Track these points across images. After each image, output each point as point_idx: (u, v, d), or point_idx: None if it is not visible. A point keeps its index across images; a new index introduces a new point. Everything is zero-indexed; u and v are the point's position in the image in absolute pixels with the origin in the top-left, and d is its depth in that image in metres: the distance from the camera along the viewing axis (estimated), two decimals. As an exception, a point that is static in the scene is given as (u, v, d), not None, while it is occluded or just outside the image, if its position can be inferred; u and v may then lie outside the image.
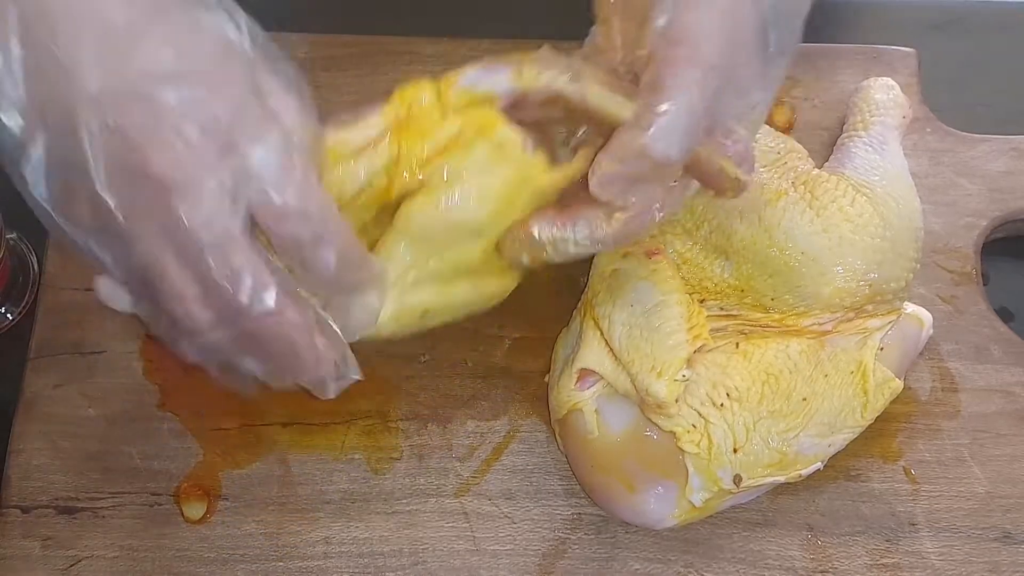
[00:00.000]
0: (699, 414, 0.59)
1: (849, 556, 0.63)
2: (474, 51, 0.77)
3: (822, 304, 0.61)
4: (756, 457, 0.59)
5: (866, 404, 0.61)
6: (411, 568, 0.63)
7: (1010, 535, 0.63)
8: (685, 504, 0.60)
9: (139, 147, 0.44)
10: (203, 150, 0.45)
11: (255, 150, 0.46)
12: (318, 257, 0.48)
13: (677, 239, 0.64)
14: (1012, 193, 0.72)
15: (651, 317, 0.59)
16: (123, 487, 0.65)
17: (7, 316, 0.72)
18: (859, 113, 0.70)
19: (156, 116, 0.44)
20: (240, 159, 0.45)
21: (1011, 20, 0.81)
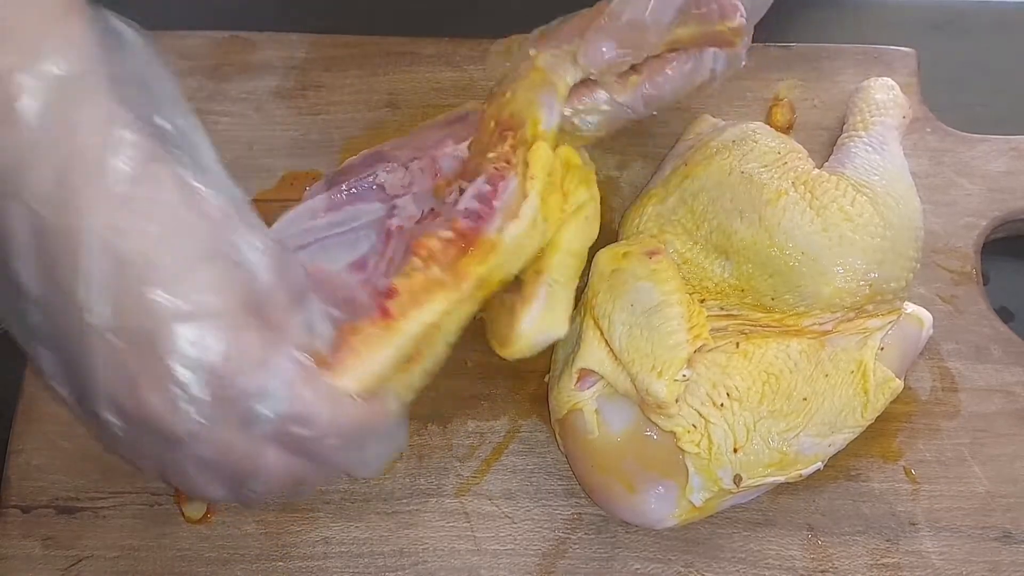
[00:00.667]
0: (699, 414, 0.59)
1: (849, 556, 0.63)
2: (474, 51, 0.77)
3: (822, 304, 0.61)
4: (756, 457, 0.59)
5: (866, 404, 0.61)
6: (411, 568, 0.63)
7: (1010, 535, 0.63)
8: (685, 504, 0.60)
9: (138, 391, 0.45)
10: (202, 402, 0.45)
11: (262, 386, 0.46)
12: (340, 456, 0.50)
13: (677, 239, 0.64)
14: (1012, 193, 0.72)
15: (651, 317, 0.59)
16: (123, 487, 0.65)
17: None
18: (859, 113, 0.70)
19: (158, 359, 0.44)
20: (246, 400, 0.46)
21: (1011, 20, 0.81)
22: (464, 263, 0.57)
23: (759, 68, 0.75)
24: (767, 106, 0.75)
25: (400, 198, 0.63)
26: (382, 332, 0.53)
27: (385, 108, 0.75)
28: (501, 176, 0.59)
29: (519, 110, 0.62)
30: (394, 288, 0.55)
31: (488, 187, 0.59)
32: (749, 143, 0.64)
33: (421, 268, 0.56)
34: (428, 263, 0.56)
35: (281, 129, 0.75)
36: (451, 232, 0.57)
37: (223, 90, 0.76)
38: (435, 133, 0.66)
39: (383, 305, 0.54)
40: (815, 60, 0.76)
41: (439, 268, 0.56)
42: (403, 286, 0.55)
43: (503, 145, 0.61)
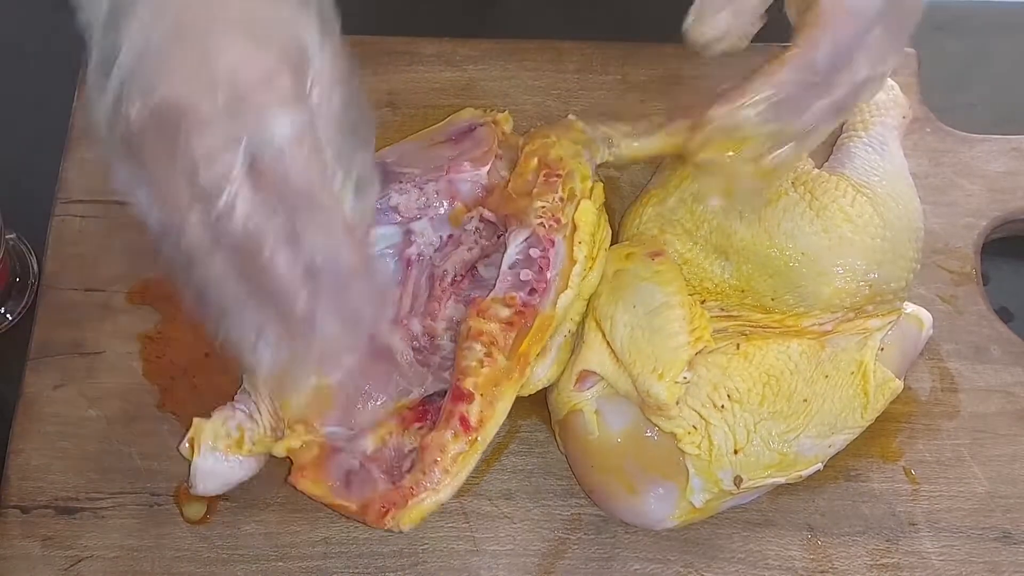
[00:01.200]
0: (700, 415, 0.59)
1: (849, 556, 0.63)
2: (474, 51, 0.77)
3: (822, 304, 0.61)
4: (757, 458, 0.59)
5: (866, 405, 0.61)
6: (411, 568, 0.63)
7: (1010, 535, 0.63)
8: (685, 505, 0.60)
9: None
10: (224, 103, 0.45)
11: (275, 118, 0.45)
12: (303, 226, 0.46)
13: (678, 239, 0.64)
14: (1012, 193, 0.72)
15: (653, 318, 0.59)
16: (123, 487, 0.65)
17: (7, 316, 0.72)
18: (859, 113, 0.70)
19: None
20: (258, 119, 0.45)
21: (1011, 20, 0.81)
22: (526, 345, 0.59)
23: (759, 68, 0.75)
24: (767, 106, 0.75)
25: (416, 221, 0.63)
26: (467, 447, 0.57)
27: (385, 108, 0.75)
28: (551, 239, 0.60)
29: (566, 157, 0.62)
30: (470, 393, 0.57)
31: (538, 252, 0.60)
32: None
33: (483, 357, 0.58)
34: (491, 349, 0.58)
35: (281, 129, 0.75)
36: (508, 310, 0.59)
37: (223, 90, 0.76)
38: (444, 151, 0.66)
39: (463, 415, 0.57)
40: (815, 60, 0.76)
41: (502, 355, 0.58)
42: (474, 385, 0.57)
43: (552, 196, 0.61)
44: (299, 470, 0.59)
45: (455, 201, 0.64)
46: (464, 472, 0.57)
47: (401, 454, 0.59)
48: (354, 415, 0.60)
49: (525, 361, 0.59)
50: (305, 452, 0.59)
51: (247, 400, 0.61)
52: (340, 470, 0.59)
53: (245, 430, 0.60)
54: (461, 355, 0.58)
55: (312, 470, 0.59)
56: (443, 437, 0.57)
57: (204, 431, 0.59)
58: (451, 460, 0.56)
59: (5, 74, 0.81)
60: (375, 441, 0.60)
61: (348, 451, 0.59)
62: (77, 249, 0.71)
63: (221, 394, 0.66)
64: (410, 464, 0.58)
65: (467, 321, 0.59)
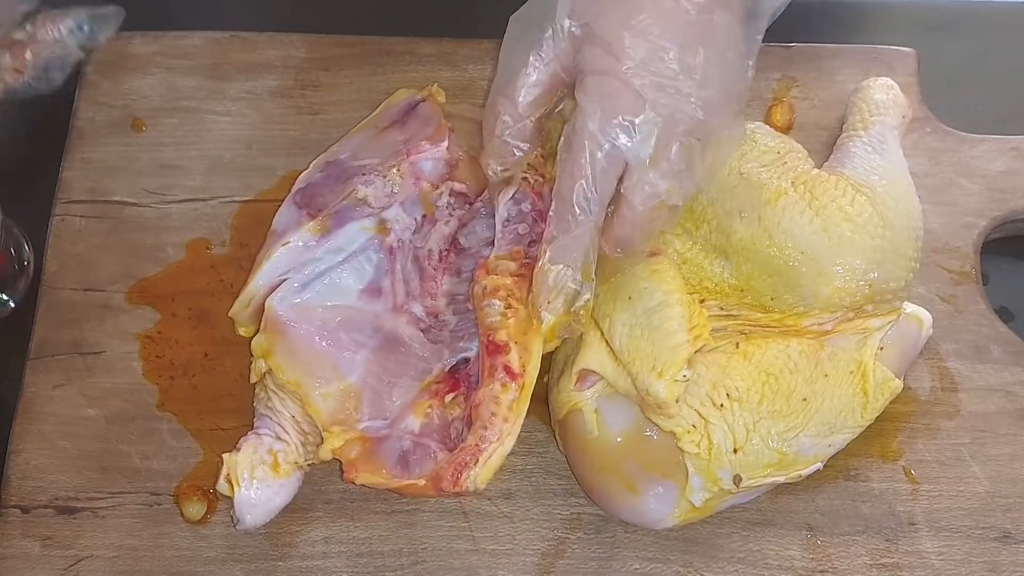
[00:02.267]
0: (699, 414, 0.59)
1: (849, 556, 0.63)
2: (474, 51, 0.77)
3: (822, 304, 0.61)
4: (756, 457, 0.59)
5: (866, 404, 0.61)
6: (410, 568, 0.63)
7: (1010, 535, 0.63)
8: (685, 504, 0.60)
9: None
10: None
11: None
12: None
13: (677, 239, 0.64)
14: (1012, 193, 0.72)
15: (652, 317, 0.59)
16: (123, 487, 0.65)
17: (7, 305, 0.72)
18: (859, 113, 0.70)
19: None
20: None
21: (1010, 20, 0.81)
22: None
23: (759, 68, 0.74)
24: (766, 106, 0.75)
25: (387, 210, 0.63)
26: (518, 393, 0.57)
27: (384, 108, 0.75)
28: (538, 192, 0.61)
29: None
30: (505, 344, 0.58)
31: (529, 205, 0.61)
32: (749, 143, 0.64)
33: (504, 310, 0.58)
34: (509, 300, 0.59)
35: (280, 128, 0.75)
36: (515, 263, 0.59)
37: (223, 89, 0.76)
38: (395, 135, 0.67)
39: (506, 365, 0.57)
40: (815, 60, 0.76)
41: (521, 305, 0.59)
42: (507, 336, 0.58)
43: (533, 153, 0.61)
44: (351, 466, 0.59)
45: (420, 181, 0.64)
46: (520, 418, 0.58)
47: (446, 423, 0.60)
48: (385, 405, 0.61)
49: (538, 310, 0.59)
50: (350, 448, 0.59)
51: (268, 423, 0.61)
52: (392, 454, 0.59)
53: (277, 452, 0.60)
54: (483, 314, 0.59)
55: (364, 462, 0.59)
56: (493, 390, 0.57)
57: (239, 464, 0.59)
58: (507, 409, 0.57)
59: (5, 74, 0.81)
60: (418, 418, 0.60)
61: (394, 436, 0.60)
62: (77, 249, 0.71)
63: (220, 394, 0.67)
64: (460, 429, 0.59)
65: (478, 283, 0.59)
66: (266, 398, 0.62)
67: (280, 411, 0.61)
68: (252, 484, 0.59)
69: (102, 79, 0.76)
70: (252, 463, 0.60)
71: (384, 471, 0.59)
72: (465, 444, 0.57)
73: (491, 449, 0.57)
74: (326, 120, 0.75)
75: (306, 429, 0.61)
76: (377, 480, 0.59)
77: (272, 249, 0.62)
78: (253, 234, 0.70)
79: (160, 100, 0.75)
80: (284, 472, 0.60)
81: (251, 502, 0.59)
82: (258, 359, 0.61)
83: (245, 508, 0.59)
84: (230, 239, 0.71)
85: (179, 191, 0.73)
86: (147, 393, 0.67)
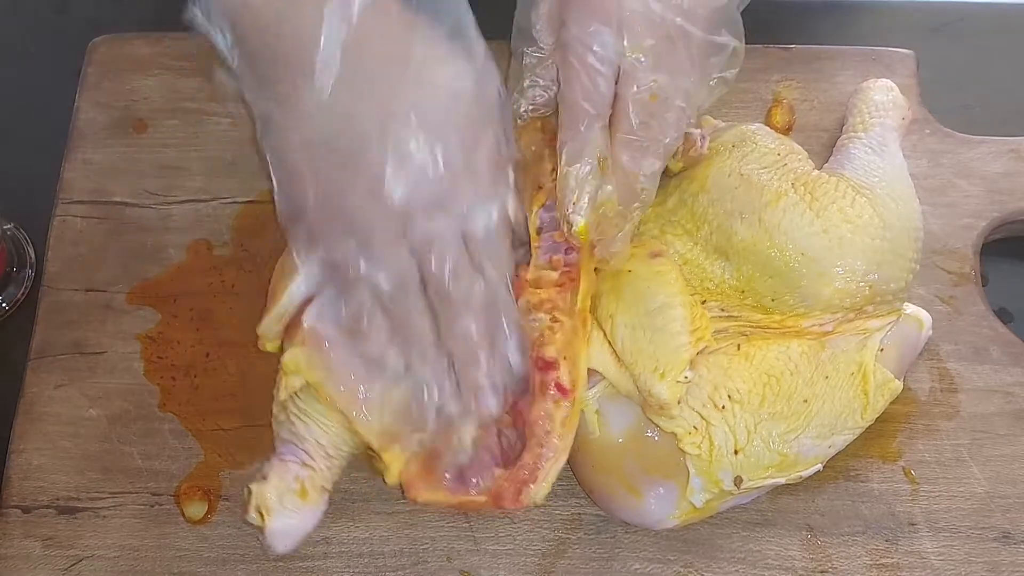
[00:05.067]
0: (700, 416, 0.59)
1: (849, 556, 0.63)
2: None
3: (822, 305, 0.61)
4: (757, 459, 0.59)
5: (866, 405, 0.61)
6: (411, 568, 0.63)
7: (1009, 535, 0.64)
8: (686, 505, 0.60)
9: None
10: None
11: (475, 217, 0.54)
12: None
13: (678, 240, 0.64)
14: (1011, 194, 0.72)
15: (654, 318, 0.59)
16: (124, 487, 0.65)
17: (3, 306, 0.72)
18: (858, 114, 0.70)
19: None
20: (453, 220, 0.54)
21: (1009, 22, 0.81)
22: (582, 300, 0.60)
23: (759, 70, 0.75)
24: (766, 107, 0.75)
25: None
26: (570, 409, 0.58)
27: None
28: None
29: None
30: (555, 360, 0.58)
31: None
32: (749, 145, 0.65)
33: (551, 324, 0.59)
34: (554, 314, 0.59)
35: (281, 130, 0.75)
36: (555, 273, 0.60)
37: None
38: None
39: (557, 382, 0.58)
40: (814, 62, 0.76)
41: (566, 316, 0.59)
42: (556, 352, 0.58)
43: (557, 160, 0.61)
44: (410, 485, 0.59)
45: None
46: (572, 433, 0.58)
47: (499, 434, 0.60)
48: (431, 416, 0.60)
49: (585, 315, 0.60)
50: (409, 467, 0.59)
51: (294, 449, 0.60)
52: (450, 470, 0.59)
53: (304, 479, 0.60)
54: (530, 328, 0.59)
55: (423, 479, 0.59)
56: (546, 407, 0.58)
57: (267, 494, 0.59)
58: (561, 425, 0.58)
59: (7, 75, 0.81)
60: (469, 432, 0.60)
61: (449, 451, 0.59)
62: (78, 250, 0.71)
63: (222, 394, 0.67)
64: (513, 439, 0.59)
65: (522, 297, 0.60)
66: (288, 423, 0.61)
67: (304, 437, 0.60)
68: (283, 513, 0.59)
69: (103, 80, 0.76)
70: (280, 492, 0.59)
71: (443, 487, 0.59)
72: (523, 462, 0.58)
73: (548, 466, 0.58)
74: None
75: (331, 453, 0.60)
76: (438, 497, 0.59)
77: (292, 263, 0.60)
78: (255, 235, 0.70)
79: (161, 101, 0.76)
80: (312, 498, 0.60)
81: (283, 531, 0.59)
82: (291, 375, 0.59)
83: (277, 537, 0.59)
84: (231, 240, 0.71)
85: (180, 192, 0.73)
86: (148, 394, 0.67)
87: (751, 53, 0.65)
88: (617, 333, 0.60)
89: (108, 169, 0.73)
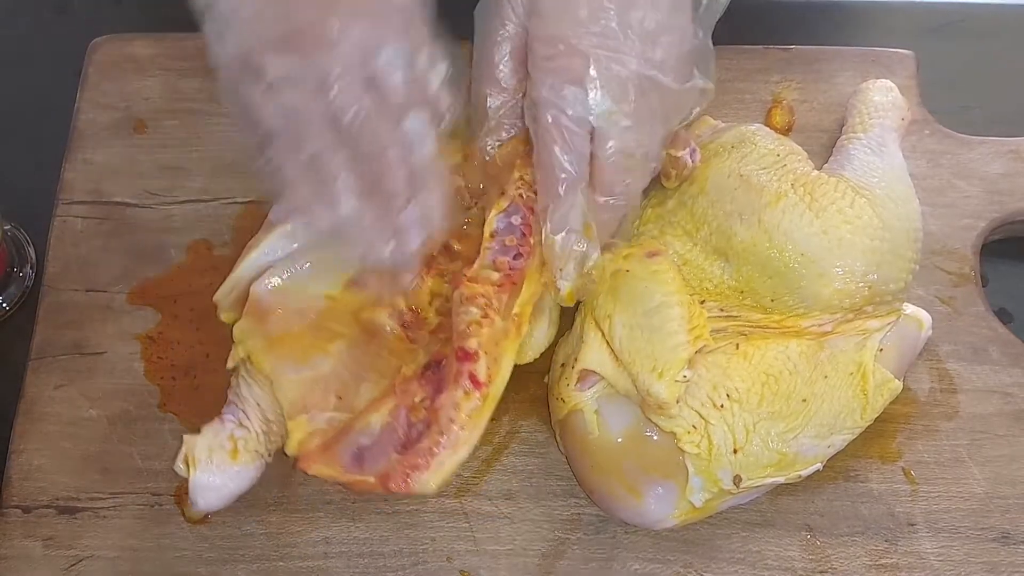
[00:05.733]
0: (699, 415, 0.59)
1: (848, 556, 0.63)
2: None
3: (821, 305, 0.61)
4: (756, 458, 0.59)
5: (865, 405, 0.61)
6: (411, 568, 0.63)
7: (1009, 535, 0.64)
8: (685, 505, 0.60)
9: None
10: None
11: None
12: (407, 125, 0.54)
13: (677, 240, 0.64)
14: (1010, 195, 0.72)
15: (652, 318, 0.59)
16: (124, 487, 0.65)
17: (3, 306, 0.72)
18: (858, 115, 0.70)
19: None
20: None
21: (1009, 22, 0.81)
22: (519, 306, 0.60)
23: (758, 70, 0.75)
24: (766, 108, 0.75)
25: None
26: (480, 402, 0.58)
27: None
28: (530, 207, 0.61)
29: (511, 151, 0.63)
30: (475, 352, 0.58)
31: (519, 219, 0.61)
32: (748, 145, 0.65)
33: (480, 319, 0.59)
34: (487, 311, 0.59)
35: (281, 130, 0.75)
36: (498, 274, 0.60)
37: (224, 91, 0.76)
38: None
39: (471, 373, 0.58)
40: (814, 62, 0.76)
41: (498, 316, 0.59)
42: (477, 344, 0.58)
43: (528, 169, 0.62)
44: (307, 456, 0.59)
45: None
46: (479, 429, 0.58)
47: (408, 426, 0.60)
48: (351, 398, 0.61)
49: (521, 320, 0.60)
50: (310, 440, 0.59)
51: (234, 410, 0.61)
52: (349, 449, 0.59)
53: (237, 439, 0.60)
54: (458, 319, 0.59)
55: (321, 454, 0.59)
56: (455, 396, 0.57)
57: (197, 446, 0.59)
58: (466, 417, 0.57)
59: (8, 75, 0.81)
60: (380, 419, 0.60)
61: (355, 432, 0.60)
62: (78, 250, 0.71)
63: (222, 394, 0.67)
64: (418, 433, 0.59)
65: (459, 290, 0.60)
66: (236, 385, 0.62)
67: (246, 398, 0.61)
68: (209, 468, 0.59)
69: (104, 80, 0.76)
70: (211, 447, 0.60)
71: (338, 465, 0.59)
72: (419, 447, 0.57)
73: (444, 456, 0.57)
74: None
75: (270, 418, 0.61)
76: (330, 473, 0.59)
77: (261, 238, 0.63)
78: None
79: (162, 102, 0.76)
80: (243, 460, 0.60)
81: (205, 485, 0.59)
82: (237, 344, 0.61)
83: (199, 491, 0.59)
84: (232, 240, 0.71)
85: (181, 192, 0.73)
86: (148, 394, 0.67)
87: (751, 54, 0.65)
88: (615, 333, 0.60)
89: (108, 169, 0.73)
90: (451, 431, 0.57)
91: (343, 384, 0.61)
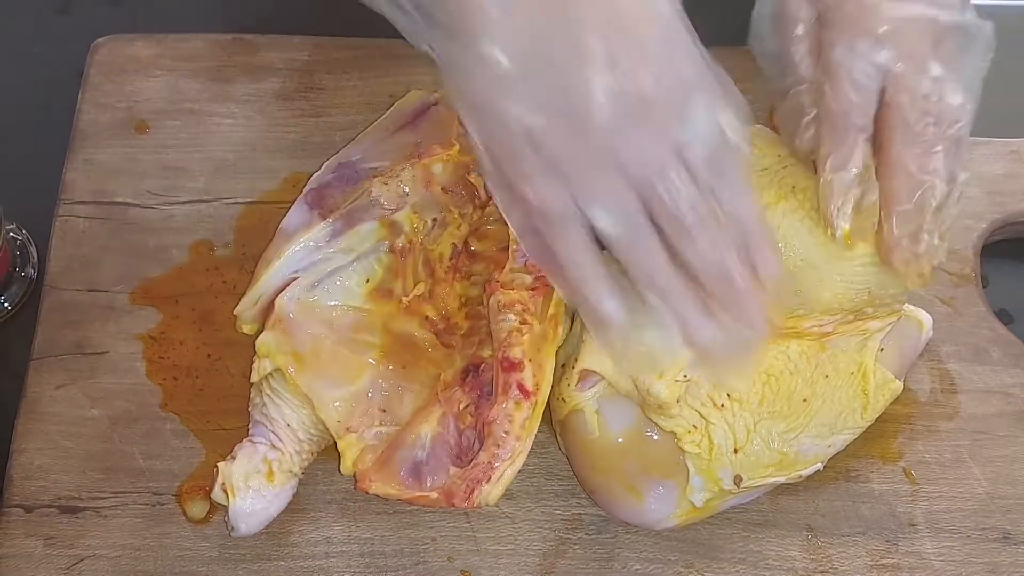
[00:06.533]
0: (700, 414, 0.59)
1: (849, 557, 0.63)
2: (476, 54, 0.77)
3: (822, 307, 0.61)
4: (757, 458, 0.59)
5: (866, 405, 0.61)
6: (412, 568, 0.63)
7: (1010, 536, 0.64)
8: (686, 504, 0.60)
9: None
10: None
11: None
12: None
13: (678, 240, 0.64)
14: (1011, 196, 0.72)
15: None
16: (125, 487, 0.65)
17: (5, 306, 0.72)
18: (859, 116, 0.70)
19: None
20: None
21: (1009, 23, 0.81)
22: (554, 304, 0.60)
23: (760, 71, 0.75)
24: (767, 109, 0.75)
25: (399, 211, 0.64)
26: (531, 412, 0.58)
27: (387, 110, 0.75)
28: None
29: None
30: (520, 361, 0.58)
31: None
32: (749, 146, 0.65)
33: (519, 325, 0.59)
34: (524, 316, 0.59)
35: (284, 131, 0.75)
36: (530, 277, 0.60)
37: (226, 92, 0.76)
38: (407, 137, 0.67)
39: (519, 383, 0.58)
40: (815, 63, 0.76)
41: (536, 320, 0.59)
42: (521, 353, 0.58)
43: None
44: (364, 475, 0.60)
45: (432, 184, 0.64)
46: (531, 437, 0.58)
47: (459, 434, 0.60)
48: (396, 410, 0.61)
49: (556, 321, 0.60)
50: (364, 458, 0.60)
51: (263, 431, 0.61)
52: (406, 464, 0.60)
53: (272, 461, 0.60)
54: (498, 328, 0.59)
55: (377, 472, 0.59)
56: (507, 408, 0.58)
57: (234, 474, 0.60)
58: (520, 427, 0.58)
59: (9, 76, 0.81)
60: (430, 429, 0.60)
61: (407, 445, 0.60)
62: (80, 250, 0.71)
63: (223, 394, 0.67)
64: (472, 440, 0.59)
65: (494, 296, 0.60)
66: (262, 404, 0.62)
67: (275, 419, 0.61)
68: (248, 494, 0.60)
69: (105, 81, 0.76)
70: (247, 472, 0.60)
71: (397, 482, 0.59)
72: (478, 461, 0.58)
73: (503, 467, 0.58)
74: (329, 123, 0.76)
75: (301, 437, 0.61)
76: (390, 491, 0.59)
77: (282, 248, 0.62)
78: (256, 236, 0.70)
79: (163, 102, 0.76)
80: (279, 481, 0.60)
81: (248, 512, 0.60)
82: (263, 358, 0.61)
83: (240, 518, 0.60)
84: (233, 241, 0.71)
85: (182, 193, 0.73)
86: (150, 394, 0.67)
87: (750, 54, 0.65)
88: (616, 332, 0.60)
89: (110, 170, 0.74)
90: (507, 443, 0.58)
91: (385, 397, 0.61)
